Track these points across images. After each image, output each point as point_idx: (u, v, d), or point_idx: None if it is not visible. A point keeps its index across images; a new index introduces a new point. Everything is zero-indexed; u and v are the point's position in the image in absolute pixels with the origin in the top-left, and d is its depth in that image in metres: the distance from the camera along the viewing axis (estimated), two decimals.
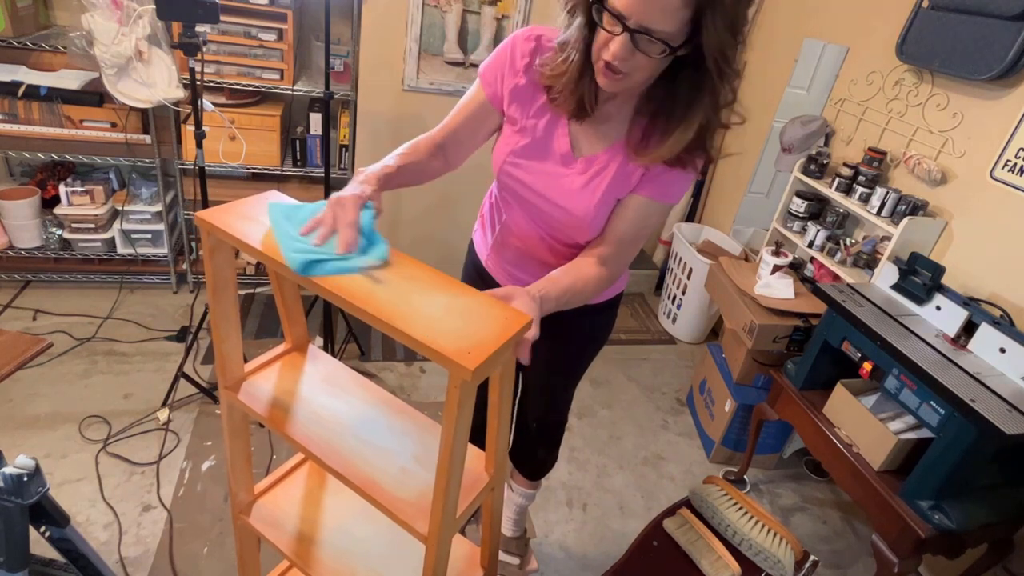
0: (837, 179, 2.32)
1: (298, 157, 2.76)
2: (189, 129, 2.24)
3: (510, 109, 1.12)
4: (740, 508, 1.65)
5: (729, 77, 0.92)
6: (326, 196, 2.38)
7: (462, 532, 1.35)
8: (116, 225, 2.69)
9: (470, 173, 1.45)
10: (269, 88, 2.58)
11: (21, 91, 2.36)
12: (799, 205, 2.53)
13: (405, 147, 1.10)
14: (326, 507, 1.24)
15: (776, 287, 2.32)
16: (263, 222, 0.90)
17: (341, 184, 2.90)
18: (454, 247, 1.49)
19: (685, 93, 0.96)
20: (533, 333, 0.82)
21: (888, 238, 2.11)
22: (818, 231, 2.40)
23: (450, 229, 3.04)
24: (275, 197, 0.98)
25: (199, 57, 1.90)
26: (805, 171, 2.50)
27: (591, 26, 0.95)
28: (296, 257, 0.80)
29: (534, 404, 1.54)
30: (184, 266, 2.87)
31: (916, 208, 2.06)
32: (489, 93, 1.13)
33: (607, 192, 1.07)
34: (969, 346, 1.68)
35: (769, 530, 1.59)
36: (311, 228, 0.86)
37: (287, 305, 1.13)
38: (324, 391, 1.09)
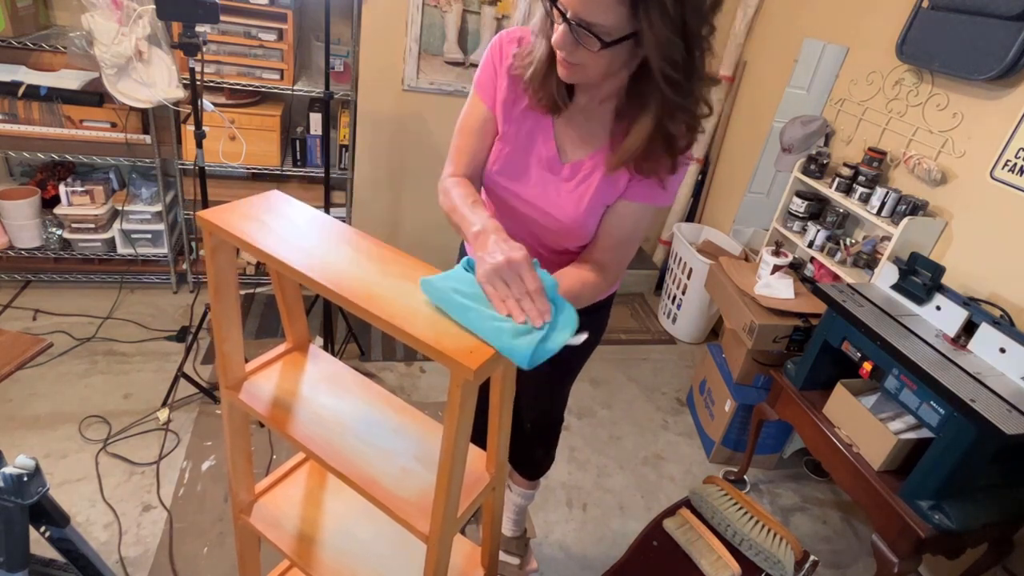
0: (837, 179, 2.32)
1: (298, 157, 2.76)
2: (189, 129, 2.23)
3: (495, 111, 1.10)
4: (740, 508, 1.65)
5: (677, 82, 0.87)
6: (326, 196, 2.42)
7: (462, 532, 1.35)
8: (116, 225, 2.69)
9: None
10: (269, 88, 2.58)
11: (21, 91, 2.36)
12: (799, 205, 2.53)
13: (468, 192, 1.03)
14: (327, 507, 1.24)
15: (776, 287, 2.32)
16: (265, 222, 0.90)
17: (341, 184, 2.91)
18: (453, 250, 1.48)
19: (641, 95, 0.94)
20: None
21: (888, 238, 2.11)
22: (818, 231, 2.40)
23: (448, 231, 3.04)
24: (281, 201, 0.98)
25: (199, 57, 1.90)
26: (805, 171, 2.50)
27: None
28: (521, 346, 0.74)
29: (529, 405, 1.54)
30: (184, 266, 2.87)
31: (916, 208, 2.06)
32: (489, 103, 1.10)
33: (594, 198, 1.05)
34: (969, 346, 1.68)
35: (769, 530, 1.60)
36: (498, 305, 0.80)
37: (288, 305, 1.13)
38: (325, 391, 1.09)
